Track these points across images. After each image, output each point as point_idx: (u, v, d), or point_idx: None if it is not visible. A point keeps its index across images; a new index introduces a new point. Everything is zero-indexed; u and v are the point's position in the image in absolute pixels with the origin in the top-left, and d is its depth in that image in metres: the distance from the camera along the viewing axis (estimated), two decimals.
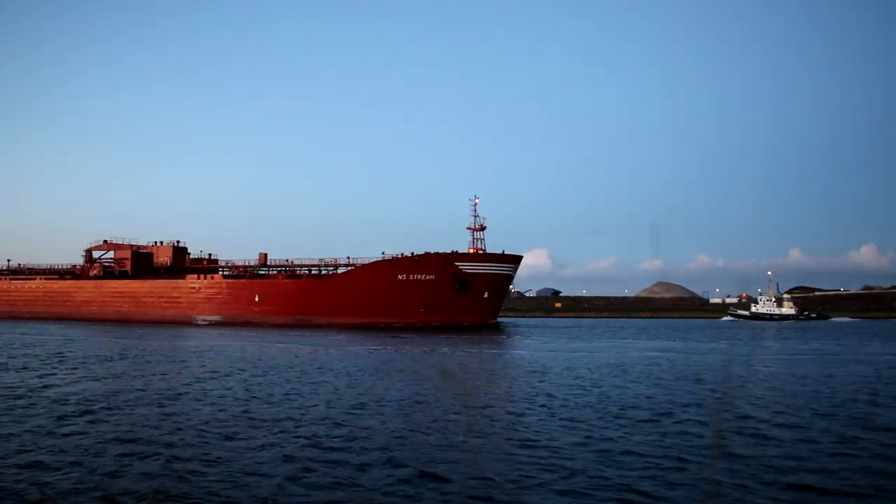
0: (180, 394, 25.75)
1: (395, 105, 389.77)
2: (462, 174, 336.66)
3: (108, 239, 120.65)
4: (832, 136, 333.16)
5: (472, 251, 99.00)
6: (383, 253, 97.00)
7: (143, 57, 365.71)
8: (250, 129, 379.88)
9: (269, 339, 64.40)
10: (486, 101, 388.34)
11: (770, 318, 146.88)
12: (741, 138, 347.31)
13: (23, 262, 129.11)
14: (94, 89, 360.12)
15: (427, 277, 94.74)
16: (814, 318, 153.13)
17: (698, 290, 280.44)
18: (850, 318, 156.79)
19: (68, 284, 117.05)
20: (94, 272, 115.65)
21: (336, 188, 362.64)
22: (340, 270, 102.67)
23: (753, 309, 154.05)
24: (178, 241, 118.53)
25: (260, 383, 29.11)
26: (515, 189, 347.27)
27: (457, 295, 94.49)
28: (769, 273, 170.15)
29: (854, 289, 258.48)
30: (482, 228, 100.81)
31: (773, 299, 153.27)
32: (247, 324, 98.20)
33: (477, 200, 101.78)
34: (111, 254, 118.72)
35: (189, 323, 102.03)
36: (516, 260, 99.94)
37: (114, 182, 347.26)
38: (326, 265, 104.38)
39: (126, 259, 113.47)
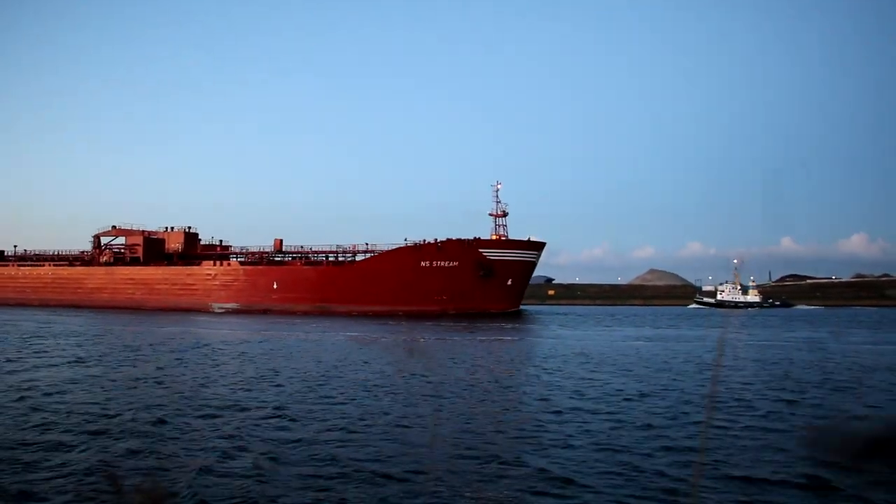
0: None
1: (401, 88, 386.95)
2: (462, 162, 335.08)
3: (116, 224, 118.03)
4: (823, 125, 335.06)
5: (494, 238, 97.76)
6: (406, 239, 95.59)
7: (148, 42, 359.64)
8: (259, 115, 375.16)
9: (326, 329, 63.07)
10: (488, 89, 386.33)
11: (735, 305, 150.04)
12: (732, 128, 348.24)
13: (29, 248, 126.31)
14: (94, 75, 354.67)
15: (450, 264, 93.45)
16: (777, 305, 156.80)
17: (691, 278, 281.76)
18: (813, 305, 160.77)
19: (78, 271, 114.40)
20: (104, 258, 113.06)
21: (349, 176, 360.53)
22: (359, 257, 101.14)
23: (719, 296, 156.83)
24: (190, 227, 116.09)
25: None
26: (509, 177, 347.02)
27: (481, 282, 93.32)
28: (735, 261, 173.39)
29: (846, 277, 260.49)
30: (504, 214, 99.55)
31: (739, 287, 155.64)
32: (265, 311, 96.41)
33: (499, 186, 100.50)
34: (121, 240, 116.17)
35: (205, 310, 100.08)
36: (539, 247, 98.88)
37: (118, 168, 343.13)
38: (345, 252, 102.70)
39: (138, 245, 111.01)
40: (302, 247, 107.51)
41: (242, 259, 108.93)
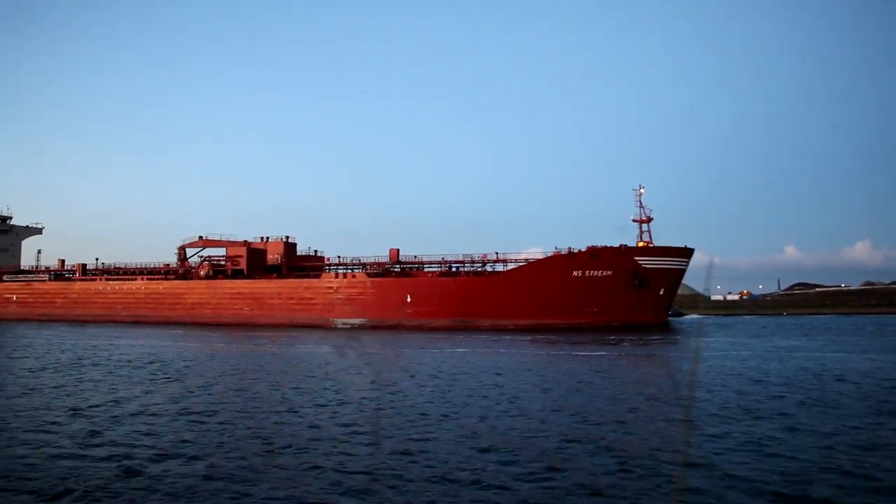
0: None
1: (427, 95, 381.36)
2: (464, 165, 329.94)
3: (203, 235, 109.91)
4: (826, 132, 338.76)
5: (640, 245, 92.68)
6: (556, 248, 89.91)
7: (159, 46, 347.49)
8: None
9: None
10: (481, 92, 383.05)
11: None
12: (733, 135, 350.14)
13: (106, 262, 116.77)
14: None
15: (604, 273, 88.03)
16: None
17: (699, 287, 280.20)
18: (700, 315, 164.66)
19: (175, 285, 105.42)
20: (203, 271, 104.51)
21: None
22: (489, 267, 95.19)
23: None
24: (287, 237, 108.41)
25: None
26: (509, 178, 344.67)
27: (633, 292, 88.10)
28: None
29: (855, 285, 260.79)
30: (649, 220, 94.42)
31: None
32: (397, 327, 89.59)
33: (643, 190, 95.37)
34: (216, 251, 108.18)
35: (325, 327, 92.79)
36: (689, 253, 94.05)
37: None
38: (473, 261, 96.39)
39: (240, 256, 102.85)
40: (416, 256, 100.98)
41: (359, 270, 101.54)
